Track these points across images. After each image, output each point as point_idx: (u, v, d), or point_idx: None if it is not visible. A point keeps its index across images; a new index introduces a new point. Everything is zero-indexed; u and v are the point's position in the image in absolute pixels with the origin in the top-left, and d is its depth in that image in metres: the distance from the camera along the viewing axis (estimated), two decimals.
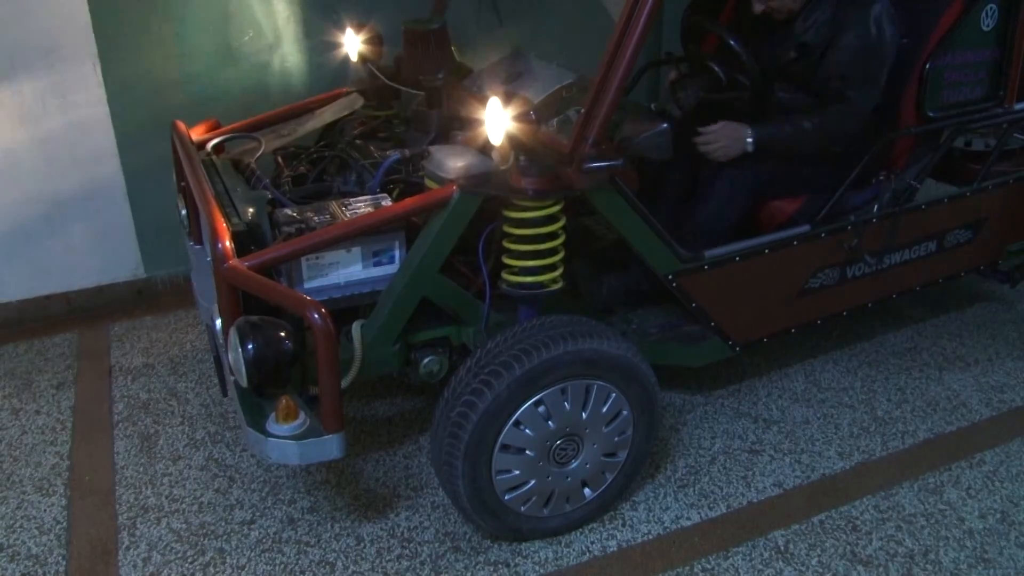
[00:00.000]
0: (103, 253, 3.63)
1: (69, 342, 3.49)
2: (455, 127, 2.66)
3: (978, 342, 3.42)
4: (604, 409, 2.33)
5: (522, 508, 2.35)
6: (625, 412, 2.37)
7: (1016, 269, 3.43)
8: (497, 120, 2.24)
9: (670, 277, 2.53)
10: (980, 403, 3.06)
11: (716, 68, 2.75)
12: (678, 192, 2.91)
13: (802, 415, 2.98)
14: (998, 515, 2.56)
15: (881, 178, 2.87)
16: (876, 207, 2.83)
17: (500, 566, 2.38)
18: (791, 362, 3.25)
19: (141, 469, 2.76)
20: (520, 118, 2.26)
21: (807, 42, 2.72)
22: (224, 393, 2.61)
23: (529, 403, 2.22)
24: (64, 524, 2.55)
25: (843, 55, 2.66)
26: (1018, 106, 3.01)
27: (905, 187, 2.87)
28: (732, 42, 2.72)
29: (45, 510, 2.60)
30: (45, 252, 3.54)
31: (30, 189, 3.43)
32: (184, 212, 2.69)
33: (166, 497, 2.64)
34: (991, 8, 2.82)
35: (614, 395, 2.33)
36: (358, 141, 2.81)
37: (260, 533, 2.50)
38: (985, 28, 2.84)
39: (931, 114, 2.85)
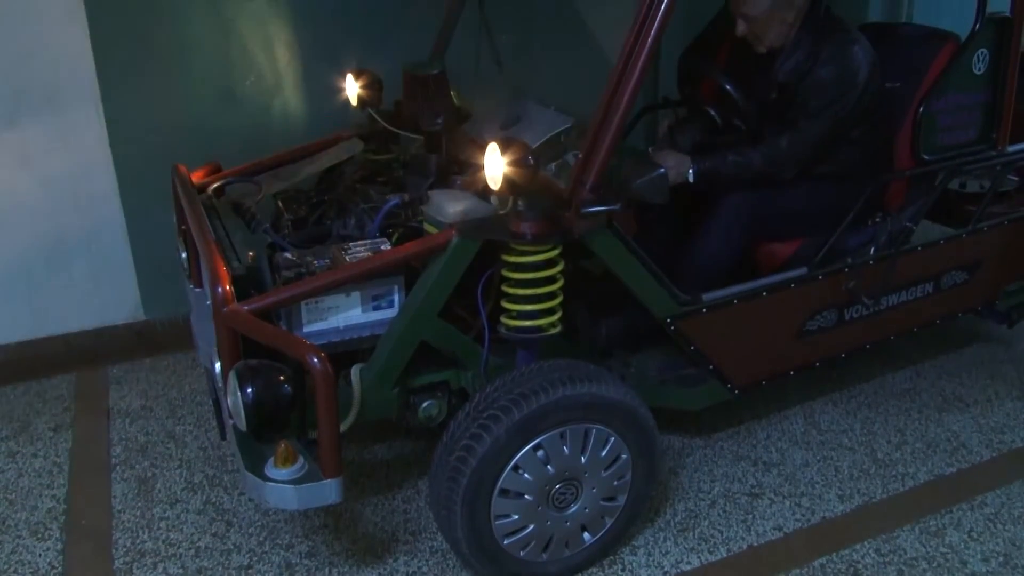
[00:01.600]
0: (103, 295, 3.64)
1: (67, 384, 3.49)
2: (454, 171, 2.69)
3: (977, 382, 3.42)
4: (603, 453, 2.32)
5: (521, 553, 2.34)
6: (624, 456, 2.36)
7: (1013, 309, 3.43)
8: (496, 164, 2.26)
9: (668, 321, 2.53)
10: (980, 444, 3.05)
11: (712, 112, 2.78)
12: (674, 235, 2.93)
13: (802, 458, 2.97)
14: (1001, 558, 2.55)
15: (877, 220, 2.89)
16: (873, 249, 2.84)
17: None
18: (790, 404, 3.25)
19: (138, 513, 2.75)
20: (518, 162, 2.27)
21: (786, 82, 2.75)
22: (223, 437, 2.60)
23: (528, 447, 2.21)
24: (59, 569, 2.53)
25: (809, 89, 2.68)
26: (1011, 148, 3.03)
27: (901, 229, 2.88)
28: (728, 86, 2.75)
29: (40, 554, 2.58)
30: (45, 294, 3.55)
31: (30, 231, 3.44)
32: (184, 255, 2.70)
33: (163, 541, 2.62)
34: (982, 52, 2.85)
35: (613, 439, 2.32)
36: (358, 185, 2.82)
37: None
38: (977, 72, 2.88)
39: (926, 157, 2.88)
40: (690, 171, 2.64)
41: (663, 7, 2.18)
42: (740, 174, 2.70)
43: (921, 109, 2.82)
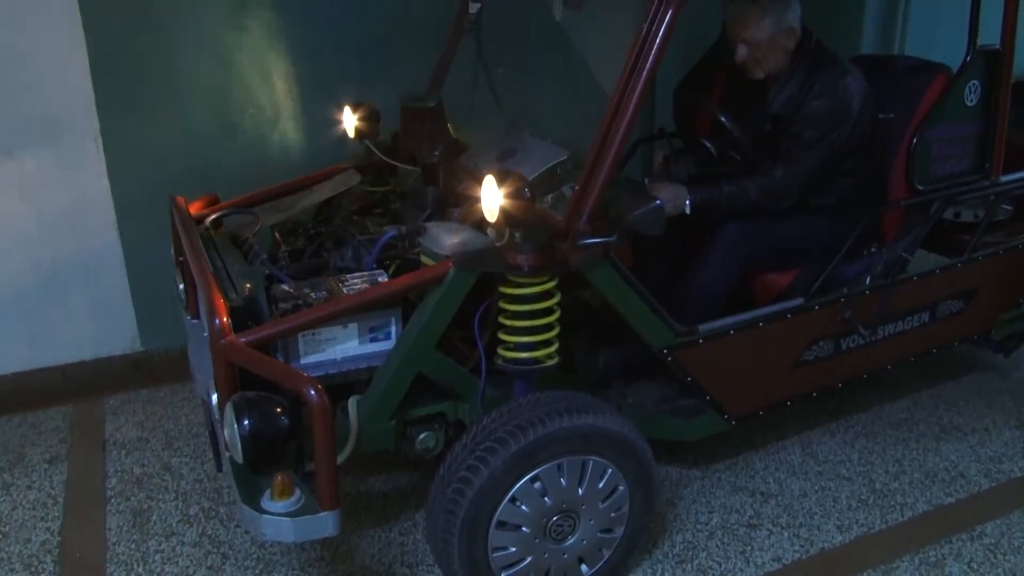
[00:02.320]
0: (100, 326, 3.64)
1: (63, 415, 3.48)
2: (451, 203, 2.70)
3: (974, 412, 3.41)
4: (600, 485, 2.32)
5: None
6: (622, 487, 2.36)
7: (1009, 338, 3.45)
8: (492, 197, 2.27)
9: (665, 351, 2.54)
10: (979, 474, 3.05)
11: (707, 144, 2.80)
12: (671, 266, 2.94)
13: (800, 488, 2.96)
14: None
15: (873, 250, 2.90)
16: (868, 279, 2.85)
17: None
18: (788, 434, 3.24)
19: (133, 545, 2.73)
20: (515, 195, 2.29)
21: (780, 114, 2.78)
22: (219, 468, 2.59)
23: (525, 479, 2.21)
24: None
25: (803, 120, 2.71)
26: (1004, 178, 3.06)
27: (896, 259, 2.90)
28: (723, 118, 2.78)
29: None
30: (42, 325, 3.54)
31: (29, 261, 3.45)
32: (182, 286, 2.71)
33: (158, 574, 2.60)
34: (973, 84, 2.88)
35: (610, 470, 2.32)
36: (355, 217, 2.84)
37: None
38: (969, 103, 2.91)
39: (920, 187, 2.90)
40: (687, 202, 2.66)
41: (658, 40, 2.21)
42: (736, 205, 2.71)
43: (915, 140, 2.85)
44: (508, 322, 2.34)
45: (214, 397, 2.25)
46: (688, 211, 2.66)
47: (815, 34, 2.81)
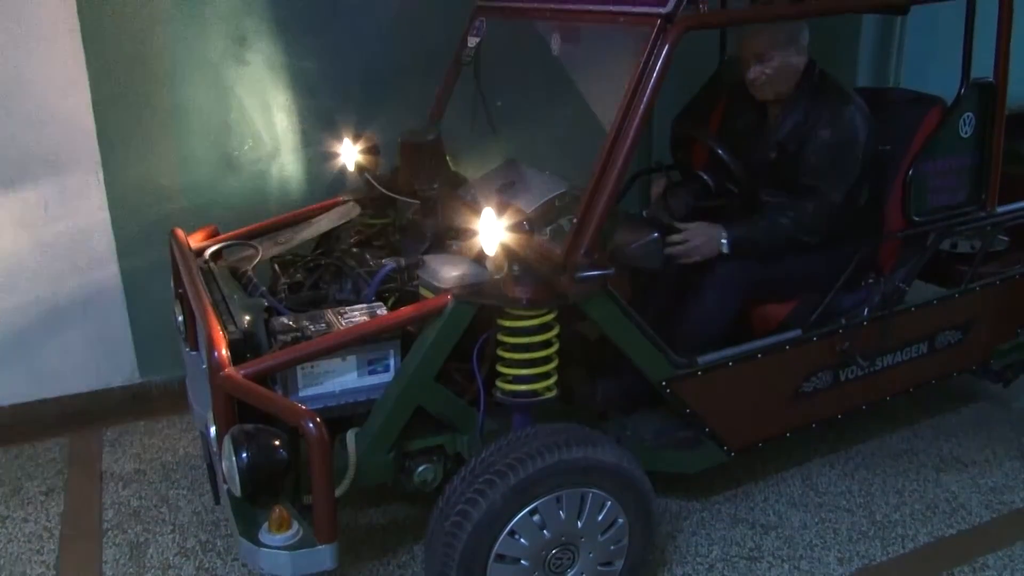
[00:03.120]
0: (99, 358, 3.64)
1: (61, 447, 3.47)
2: (450, 236, 2.71)
3: (974, 442, 3.40)
4: (600, 517, 2.31)
5: None
6: (621, 520, 2.35)
7: (1008, 368, 3.44)
8: (491, 230, 2.29)
9: (664, 384, 2.54)
10: (980, 505, 3.04)
11: (705, 176, 2.82)
12: (669, 296, 2.94)
13: (800, 520, 2.95)
14: None
15: (870, 281, 2.91)
16: (866, 310, 2.85)
17: None
18: (787, 466, 3.23)
19: None
20: (514, 228, 2.31)
21: (785, 142, 2.80)
22: (217, 501, 2.57)
23: (524, 512, 2.20)
24: None
25: (816, 151, 2.73)
26: (1000, 209, 3.07)
27: (894, 290, 2.90)
28: (720, 151, 2.80)
29: None
30: (40, 357, 3.55)
31: (28, 293, 3.46)
32: (181, 318, 2.71)
33: None
34: (968, 116, 2.91)
35: (610, 503, 2.31)
36: (354, 249, 2.85)
37: None
38: (964, 135, 2.93)
39: (916, 218, 2.91)
40: (723, 242, 2.67)
41: (655, 74, 2.23)
42: (773, 240, 2.73)
43: (910, 171, 2.86)
44: (507, 354, 2.35)
45: (212, 429, 2.25)
46: (727, 251, 2.68)
47: (818, 64, 2.85)
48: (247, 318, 2.35)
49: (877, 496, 3.08)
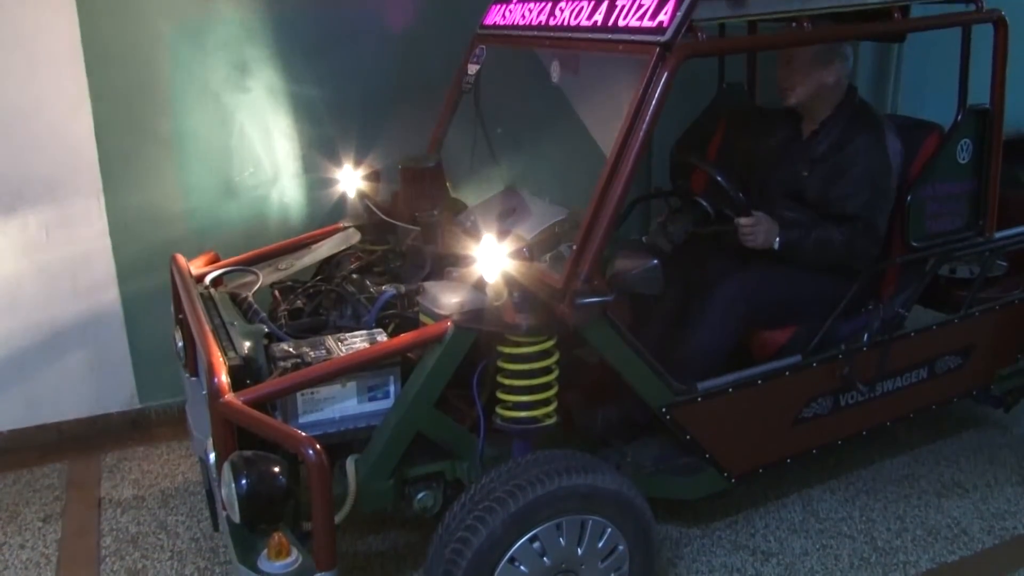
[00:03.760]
0: (98, 383, 3.63)
1: (59, 473, 3.45)
2: (449, 263, 2.72)
3: (975, 468, 3.39)
4: (600, 544, 2.31)
5: None
6: (621, 547, 2.34)
7: (1008, 393, 3.44)
8: (491, 256, 2.30)
9: (663, 410, 2.54)
10: (982, 531, 3.02)
11: (703, 202, 2.83)
12: (669, 323, 2.95)
13: (801, 546, 2.94)
14: None
15: (870, 307, 2.91)
16: (866, 336, 2.86)
17: None
18: (788, 492, 3.22)
19: None
20: (513, 254, 2.31)
21: (817, 160, 2.86)
22: (215, 528, 2.57)
23: (524, 539, 2.19)
24: None
25: (862, 179, 2.78)
26: (998, 234, 3.08)
27: (894, 315, 2.91)
28: (719, 177, 2.81)
29: None
30: (40, 382, 3.54)
31: (28, 318, 3.47)
32: (181, 344, 2.71)
33: None
34: (965, 142, 2.92)
35: (610, 530, 2.30)
36: (354, 276, 2.85)
37: None
38: (962, 161, 2.94)
39: (915, 244, 2.92)
40: (777, 240, 2.75)
41: (654, 100, 2.25)
42: (821, 253, 2.80)
43: (909, 197, 2.88)
44: (506, 381, 2.35)
45: (212, 456, 2.24)
46: (777, 248, 2.76)
47: (858, 93, 2.93)
48: (247, 344, 2.35)
49: (878, 522, 3.07)
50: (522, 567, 2.21)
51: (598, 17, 2.50)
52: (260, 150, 3.63)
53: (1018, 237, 3.14)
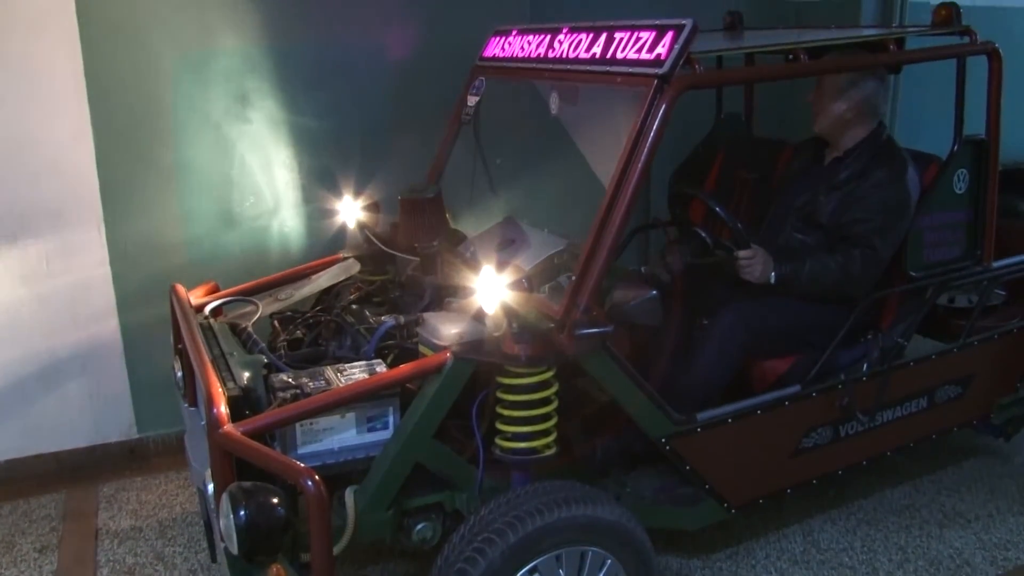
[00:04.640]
0: (97, 413, 3.63)
1: (56, 503, 3.44)
2: (449, 294, 2.72)
3: (977, 497, 3.38)
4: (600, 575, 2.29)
5: None
6: None
7: (1008, 423, 3.43)
8: (490, 287, 2.30)
9: (663, 440, 2.53)
10: (984, 561, 3.00)
11: (702, 233, 2.84)
12: (669, 352, 2.94)
13: None
14: None
15: (869, 337, 2.92)
16: (865, 365, 2.86)
17: None
18: (789, 522, 3.21)
19: None
20: (513, 285, 2.32)
21: (836, 186, 2.89)
22: (213, 559, 2.56)
23: (524, 571, 2.18)
24: None
25: (873, 209, 2.80)
26: (996, 264, 3.09)
27: (893, 345, 2.91)
28: (717, 207, 2.82)
29: None
30: (38, 411, 3.54)
31: (28, 347, 3.47)
32: (180, 374, 2.71)
33: None
34: (962, 172, 2.94)
35: (610, 561, 2.29)
36: (354, 306, 2.86)
37: None
38: (958, 191, 2.96)
39: (914, 273, 2.93)
40: (772, 274, 2.76)
41: (653, 131, 2.27)
42: (817, 283, 2.80)
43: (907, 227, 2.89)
44: (506, 412, 2.35)
45: (210, 486, 2.23)
46: (773, 282, 2.77)
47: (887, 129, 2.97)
48: (246, 375, 2.35)
49: (880, 552, 3.05)
50: None
51: (597, 49, 2.53)
52: (260, 181, 3.65)
53: (1016, 266, 3.15)
